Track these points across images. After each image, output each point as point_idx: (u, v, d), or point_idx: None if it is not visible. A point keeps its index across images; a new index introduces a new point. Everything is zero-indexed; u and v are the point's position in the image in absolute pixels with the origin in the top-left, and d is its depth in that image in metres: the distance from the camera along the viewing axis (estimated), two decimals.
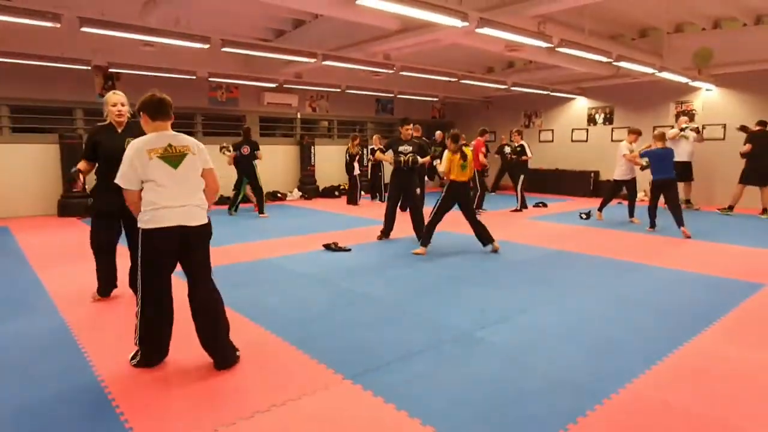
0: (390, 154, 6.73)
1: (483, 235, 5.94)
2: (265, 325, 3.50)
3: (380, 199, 11.28)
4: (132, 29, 6.40)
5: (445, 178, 5.97)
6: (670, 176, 7.23)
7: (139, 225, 2.74)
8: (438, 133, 11.59)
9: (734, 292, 4.36)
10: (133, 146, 2.73)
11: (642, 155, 7.73)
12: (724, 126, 10.50)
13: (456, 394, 2.57)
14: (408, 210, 6.73)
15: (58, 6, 6.09)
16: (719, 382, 2.72)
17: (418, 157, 6.56)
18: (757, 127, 8.88)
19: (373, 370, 2.83)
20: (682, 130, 9.56)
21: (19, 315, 3.77)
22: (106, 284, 4.11)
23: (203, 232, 2.85)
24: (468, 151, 5.96)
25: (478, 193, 9.06)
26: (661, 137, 7.45)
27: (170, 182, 2.71)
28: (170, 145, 2.76)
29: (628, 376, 2.76)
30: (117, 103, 3.82)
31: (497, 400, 2.50)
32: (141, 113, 2.85)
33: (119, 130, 3.84)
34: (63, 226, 8.09)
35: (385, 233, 6.81)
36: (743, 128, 9.10)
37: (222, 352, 2.87)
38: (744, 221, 8.49)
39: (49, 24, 5.62)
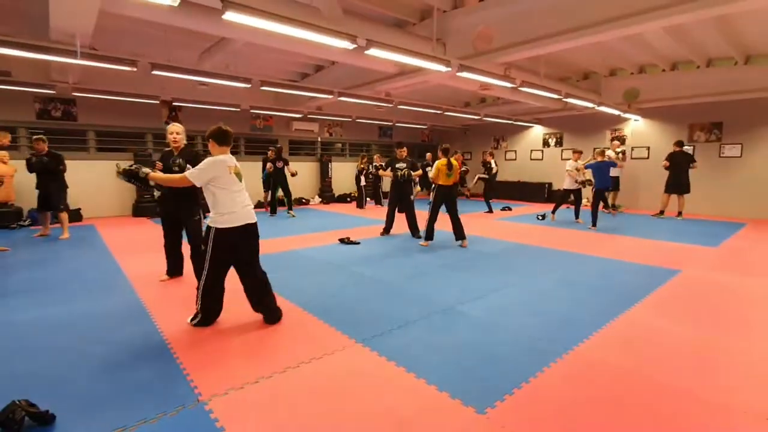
0: (389, 171, 6.76)
1: (458, 232, 5.93)
2: (293, 300, 3.50)
3: (381, 204, 11.29)
4: (191, 72, 6.39)
5: (433, 183, 5.97)
6: (607, 185, 7.36)
7: (213, 224, 2.82)
8: (428, 155, 11.60)
9: (657, 276, 4.36)
10: (218, 160, 2.83)
11: (587, 167, 7.76)
12: (648, 148, 10.53)
13: (444, 355, 2.57)
14: (404, 212, 6.71)
15: (135, 54, 6.11)
16: (646, 346, 2.72)
17: (411, 171, 6.57)
18: (675, 147, 8.93)
19: (379, 335, 2.83)
20: (616, 153, 9.57)
21: (105, 293, 3.77)
22: (174, 270, 4.22)
23: (256, 227, 3.00)
24: (454, 161, 5.96)
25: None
26: (602, 153, 7.59)
27: (240, 191, 2.89)
28: (237, 166, 2.93)
29: (576, 341, 2.76)
30: (173, 132, 3.91)
31: (475, 360, 2.51)
32: (210, 140, 2.92)
33: (174, 153, 3.92)
34: (136, 224, 8.08)
35: (387, 230, 6.80)
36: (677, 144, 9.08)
37: (272, 311, 3.02)
38: (664, 222, 8.48)
39: (127, 68, 5.62)
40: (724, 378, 2.32)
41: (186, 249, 4.14)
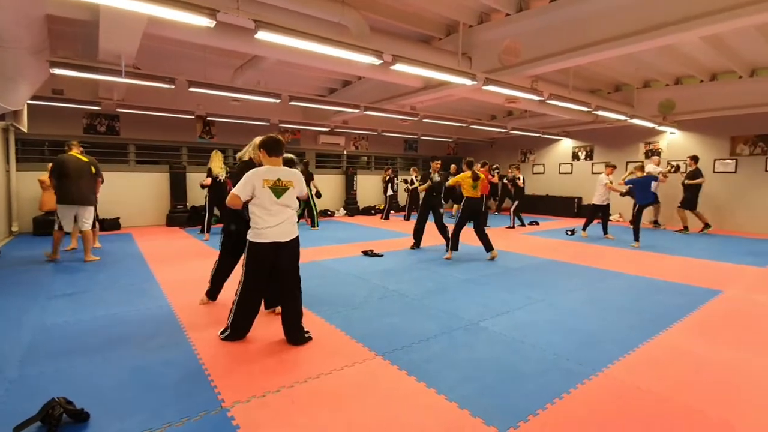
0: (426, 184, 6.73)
1: (486, 244, 5.86)
2: (316, 312, 3.55)
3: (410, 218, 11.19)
4: (225, 89, 6.69)
5: (452, 187, 5.96)
6: (650, 201, 7.06)
7: (249, 238, 2.84)
8: (452, 166, 11.62)
9: (696, 296, 4.14)
10: (255, 172, 2.80)
11: (627, 182, 7.48)
12: (686, 162, 10.07)
13: (465, 371, 2.53)
14: (436, 223, 6.67)
15: (174, 72, 6.46)
16: (680, 371, 2.59)
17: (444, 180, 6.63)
18: (695, 164, 8.70)
19: (399, 349, 2.82)
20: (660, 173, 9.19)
21: (138, 299, 3.93)
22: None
23: (293, 245, 2.92)
24: (480, 173, 5.93)
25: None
26: (641, 168, 7.32)
27: (272, 207, 2.80)
28: (279, 179, 2.83)
29: (605, 362, 2.66)
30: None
31: (498, 378, 2.45)
32: (261, 149, 2.89)
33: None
34: (170, 233, 8.41)
35: (417, 245, 6.73)
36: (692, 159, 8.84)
37: (298, 334, 2.93)
38: (696, 238, 8.06)
39: (166, 86, 5.95)
40: (761, 406, 2.17)
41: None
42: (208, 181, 7.23)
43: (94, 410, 2.02)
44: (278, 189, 2.82)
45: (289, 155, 3.60)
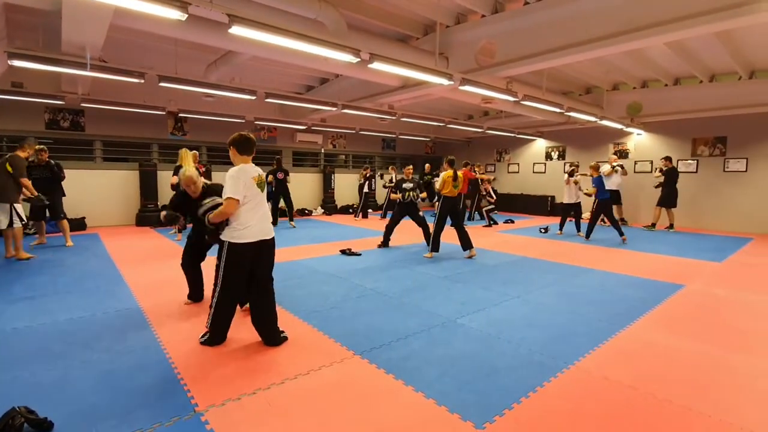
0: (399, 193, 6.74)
1: (465, 242, 5.94)
2: (293, 311, 3.51)
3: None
4: (198, 84, 6.51)
5: (440, 192, 6.00)
6: (606, 197, 7.54)
7: (227, 239, 2.69)
8: (427, 165, 11.83)
9: (660, 291, 4.33)
10: (242, 169, 2.69)
11: (593, 182, 7.70)
12: (651, 162, 10.53)
13: (442, 368, 2.55)
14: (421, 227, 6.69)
15: (144, 66, 6.24)
16: (648, 362, 2.70)
17: (419, 193, 6.70)
18: (668, 164, 9.12)
19: (378, 348, 2.83)
20: (612, 167, 9.56)
21: (105, 302, 3.79)
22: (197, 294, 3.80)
23: (272, 243, 2.87)
24: (460, 174, 6.01)
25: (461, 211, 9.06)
26: (596, 168, 7.65)
27: (260, 204, 2.77)
28: (259, 175, 2.81)
29: (577, 355, 2.75)
30: (189, 184, 3.39)
31: (475, 374, 2.49)
32: (231, 147, 2.79)
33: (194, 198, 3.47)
34: (140, 233, 8.13)
35: (384, 244, 6.75)
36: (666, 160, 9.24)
37: (275, 335, 2.87)
38: (667, 236, 8.44)
39: (135, 80, 5.74)
40: (725, 395, 2.29)
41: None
42: (175, 179, 6.97)
43: (58, 419, 1.93)
44: (261, 184, 2.82)
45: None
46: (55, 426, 1.90)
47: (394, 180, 10.09)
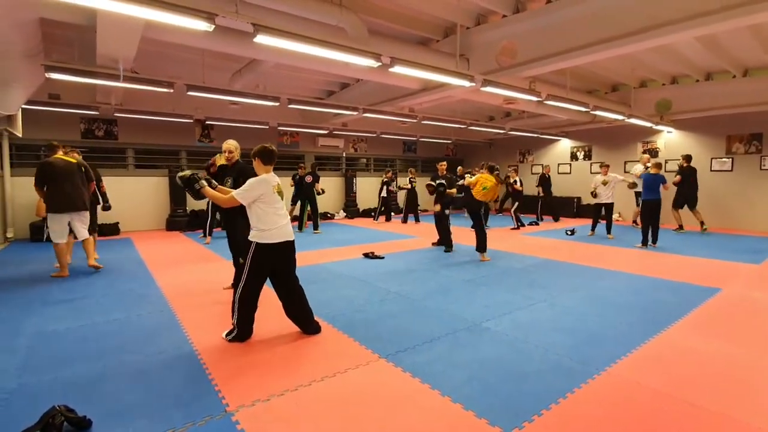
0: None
1: (481, 244, 5.88)
2: (319, 314, 3.51)
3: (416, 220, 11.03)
4: (224, 92, 6.69)
5: (471, 188, 5.93)
6: (656, 197, 6.88)
7: (255, 239, 2.90)
8: (459, 168, 11.54)
9: (695, 295, 4.14)
10: (262, 180, 2.92)
11: (642, 176, 7.23)
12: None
13: (469, 372, 2.52)
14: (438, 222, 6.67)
15: (173, 76, 6.46)
16: (682, 368, 2.58)
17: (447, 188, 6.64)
18: (686, 163, 8.75)
19: (403, 351, 2.81)
20: (645, 168, 9.20)
21: (138, 304, 3.91)
22: None
23: (294, 244, 3.09)
24: (495, 184, 5.94)
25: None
26: (658, 166, 7.09)
27: (281, 209, 2.98)
28: (278, 184, 3.02)
29: (608, 361, 2.66)
30: (227, 149, 3.93)
31: (502, 378, 2.44)
32: (255, 158, 3.00)
33: (228, 167, 4.01)
34: (169, 237, 8.39)
35: (448, 245, 6.62)
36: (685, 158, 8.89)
37: (311, 321, 3.13)
38: (693, 237, 8.08)
39: (165, 90, 5.94)
40: (763, 401, 2.17)
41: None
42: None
43: (96, 417, 2.00)
44: (280, 192, 3.03)
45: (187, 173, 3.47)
46: (93, 424, 1.97)
47: (398, 185, 10.21)
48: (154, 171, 9.71)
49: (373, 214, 12.57)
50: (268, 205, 2.89)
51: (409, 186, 10.72)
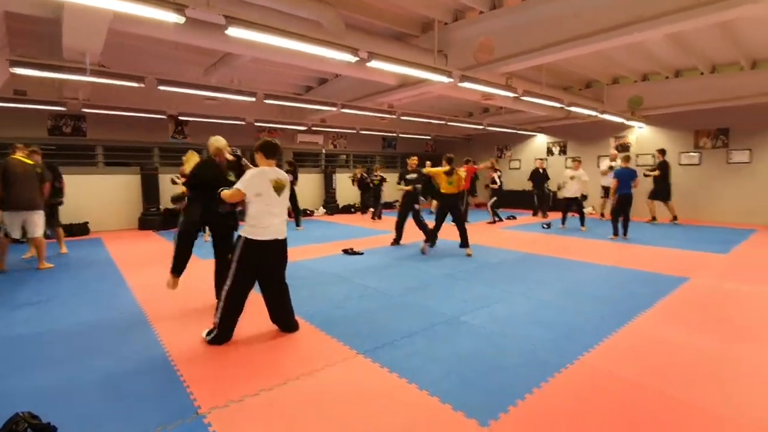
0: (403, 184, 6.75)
1: (464, 240, 5.93)
2: (297, 312, 3.43)
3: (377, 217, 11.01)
4: (197, 87, 6.51)
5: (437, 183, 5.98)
6: (629, 192, 7.11)
7: (244, 234, 2.87)
8: (428, 162, 11.61)
9: (665, 285, 4.28)
10: (259, 172, 2.87)
11: (615, 173, 7.34)
12: (653, 155, 10.44)
13: (446, 366, 2.54)
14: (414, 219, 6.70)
15: (144, 71, 6.25)
16: (652, 356, 2.67)
17: (419, 186, 6.70)
18: (662, 156, 9.09)
19: (381, 347, 2.81)
20: (610, 167, 9.36)
21: (108, 306, 3.79)
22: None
23: (285, 243, 3.04)
24: (459, 171, 5.99)
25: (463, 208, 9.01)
26: (627, 159, 7.38)
27: (276, 205, 2.91)
28: (278, 179, 2.94)
29: (580, 351, 2.72)
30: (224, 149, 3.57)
31: (479, 371, 2.47)
32: (258, 152, 2.95)
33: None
34: (142, 237, 8.15)
35: (397, 241, 6.77)
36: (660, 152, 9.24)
37: (291, 322, 3.11)
38: (664, 228, 8.38)
39: (135, 84, 5.74)
40: (732, 389, 2.26)
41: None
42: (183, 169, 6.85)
43: (62, 424, 1.92)
44: (279, 188, 2.94)
45: (237, 152, 3.54)
46: (58, 431, 1.90)
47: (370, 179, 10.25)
48: (125, 169, 9.40)
49: (353, 210, 12.56)
50: (261, 200, 2.83)
51: (369, 181, 10.72)
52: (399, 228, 6.76)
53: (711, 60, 8.16)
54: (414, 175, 6.65)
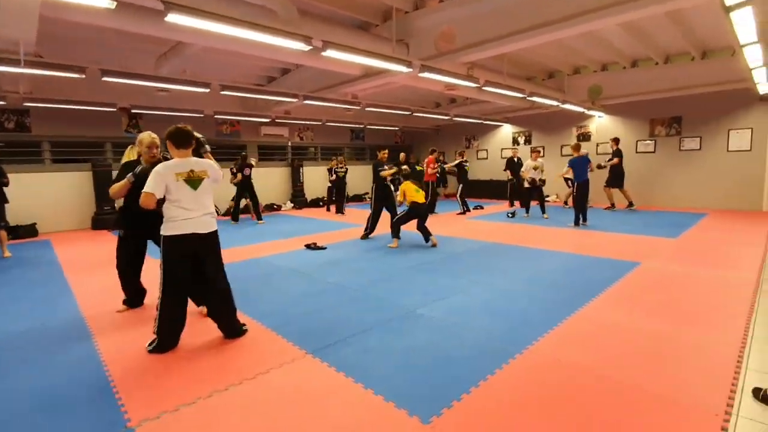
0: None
1: (425, 235, 5.94)
2: (247, 313, 3.35)
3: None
4: (146, 78, 6.17)
5: (405, 202, 5.99)
6: (586, 179, 7.30)
7: (162, 232, 2.67)
8: (401, 154, 11.55)
9: (617, 270, 4.40)
10: (165, 166, 2.64)
11: (569, 163, 7.53)
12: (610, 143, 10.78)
13: (398, 362, 2.49)
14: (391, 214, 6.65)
15: (90, 61, 5.85)
16: (599, 342, 2.72)
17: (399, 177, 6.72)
18: (616, 145, 9.41)
19: (332, 345, 2.74)
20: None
21: (47, 313, 3.55)
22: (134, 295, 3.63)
23: (213, 237, 2.81)
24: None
25: (430, 200, 9.02)
26: (577, 148, 7.52)
27: (190, 202, 2.67)
28: (192, 171, 2.69)
29: (530, 339, 2.74)
30: (151, 146, 3.35)
31: (430, 365, 2.44)
32: (168, 141, 2.72)
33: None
34: (95, 237, 7.73)
35: (367, 235, 6.67)
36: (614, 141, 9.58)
37: (234, 327, 2.91)
38: (622, 215, 8.68)
39: (75, 75, 5.38)
40: (676, 372, 2.32)
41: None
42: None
43: None
44: (194, 180, 2.69)
45: (198, 135, 3.20)
46: None
47: (335, 172, 10.17)
48: (75, 165, 8.85)
49: (322, 204, 12.37)
50: (173, 197, 2.62)
51: (334, 176, 10.58)
52: (373, 221, 6.66)
53: (664, 50, 8.42)
54: (386, 167, 6.60)
